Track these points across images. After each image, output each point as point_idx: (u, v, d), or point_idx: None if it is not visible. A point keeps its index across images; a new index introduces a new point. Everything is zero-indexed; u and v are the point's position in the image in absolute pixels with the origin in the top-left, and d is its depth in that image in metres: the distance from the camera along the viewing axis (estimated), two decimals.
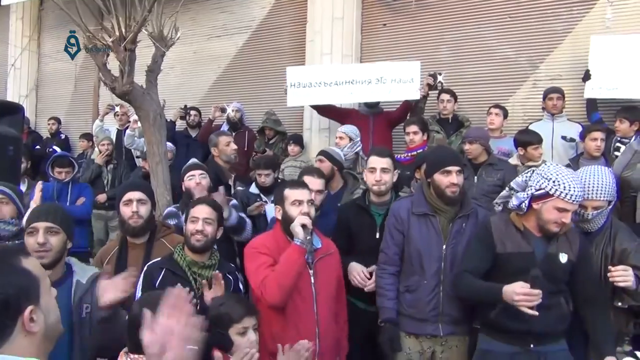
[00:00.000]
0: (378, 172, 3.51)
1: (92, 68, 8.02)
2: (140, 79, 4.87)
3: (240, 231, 4.02)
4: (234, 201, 4.08)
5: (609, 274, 2.82)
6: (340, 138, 5.19)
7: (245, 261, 3.04)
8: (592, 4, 5.74)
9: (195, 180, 4.06)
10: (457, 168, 3.14)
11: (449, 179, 3.12)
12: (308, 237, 2.91)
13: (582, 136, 5.02)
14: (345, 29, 6.77)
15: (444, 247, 3.15)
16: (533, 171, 2.98)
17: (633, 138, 4.72)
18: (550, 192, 2.76)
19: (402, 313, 3.24)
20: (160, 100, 5.04)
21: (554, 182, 2.77)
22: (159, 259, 3.08)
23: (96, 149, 7.31)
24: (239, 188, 4.90)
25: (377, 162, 3.55)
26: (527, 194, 2.86)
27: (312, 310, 2.99)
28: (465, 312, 3.13)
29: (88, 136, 8.18)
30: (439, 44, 6.52)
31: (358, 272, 3.39)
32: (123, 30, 4.42)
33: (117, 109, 7.50)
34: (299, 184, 3.20)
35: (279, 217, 3.09)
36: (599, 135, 4.83)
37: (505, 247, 2.90)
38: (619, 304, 2.92)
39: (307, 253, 2.98)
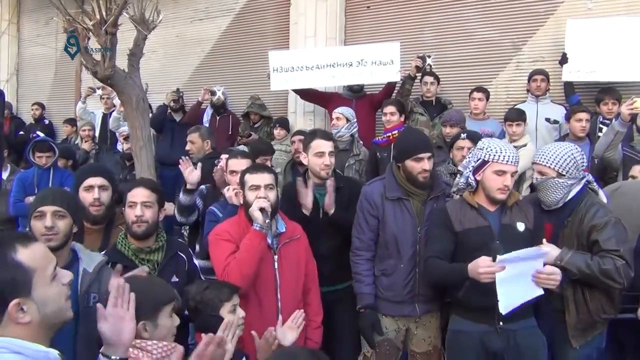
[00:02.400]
0: (327, 156, 3.47)
1: None
2: (122, 62, 4.83)
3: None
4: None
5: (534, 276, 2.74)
6: (337, 119, 5.19)
7: (209, 248, 3.01)
8: None
9: (221, 163, 4.04)
10: (428, 154, 3.17)
11: (421, 165, 3.15)
12: (267, 221, 2.87)
13: (568, 117, 5.09)
14: (329, 11, 6.75)
15: (419, 229, 3.19)
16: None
17: (614, 119, 4.79)
18: (486, 159, 2.90)
19: (379, 296, 3.28)
20: (142, 84, 5.02)
21: (486, 149, 2.92)
22: (102, 252, 2.93)
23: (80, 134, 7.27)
24: None
25: (325, 145, 3.49)
26: (470, 168, 2.98)
27: (275, 296, 2.95)
28: (438, 290, 3.19)
29: (72, 121, 8.12)
30: (422, 26, 6.52)
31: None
32: (104, 13, 4.38)
33: (99, 91, 7.40)
34: (258, 168, 3.14)
35: (242, 202, 3.07)
36: (584, 116, 4.90)
37: (463, 224, 2.96)
38: None
39: (272, 237, 2.97)
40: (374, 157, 5.14)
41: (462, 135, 4.01)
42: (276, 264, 2.99)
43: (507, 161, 2.86)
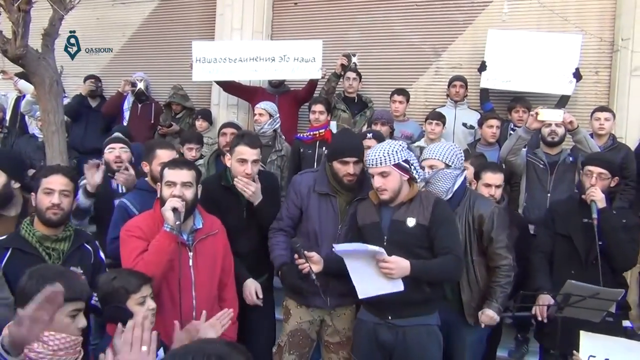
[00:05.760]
0: (249, 164, 3.33)
1: None
2: (36, 42, 4.62)
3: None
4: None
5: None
6: (260, 115, 5.14)
7: (120, 244, 2.91)
8: None
9: (115, 153, 4.01)
10: (354, 159, 3.20)
11: (346, 168, 3.20)
12: (178, 222, 2.77)
13: (480, 123, 5.34)
14: (257, 5, 6.72)
15: (340, 227, 3.26)
16: None
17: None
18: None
19: (294, 284, 3.34)
20: (57, 66, 4.81)
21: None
22: (3, 237, 2.80)
23: None
24: None
25: (249, 153, 3.34)
26: None
27: (190, 294, 2.90)
28: (352, 286, 3.19)
29: None
30: (348, 26, 6.62)
31: (251, 292, 3.35)
32: None
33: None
34: (178, 163, 3.00)
35: (159, 196, 2.99)
36: (495, 122, 5.17)
37: (363, 220, 3.12)
38: None
39: (188, 234, 2.93)
40: (297, 153, 5.17)
41: (369, 135, 4.05)
42: (191, 260, 2.94)
43: (369, 165, 3.01)
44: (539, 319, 3.36)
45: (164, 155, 3.50)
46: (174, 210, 2.78)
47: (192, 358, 1.18)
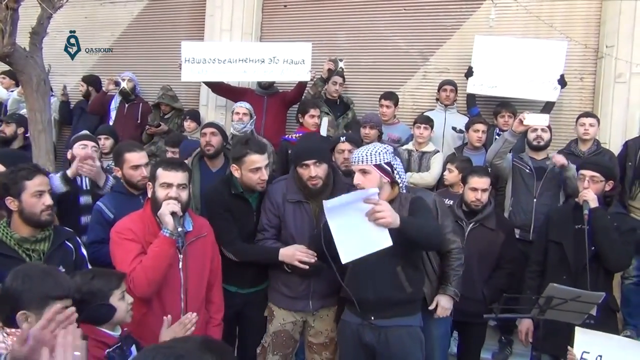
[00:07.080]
0: (263, 170, 3.34)
1: None
2: (24, 41, 4.60)
3: None
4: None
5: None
6: (244, 114, 5.18)
7: (111, 247, 2.87)
8: (479, 4, 6.09)
9: (88, 150, 3.99)
10: (312, 161, 3.20)
11: (307, 172, 3.20)
12: (180, 229, 2.73)
13: (467, 127, 5.38)
14: (246, 7, 6.74)
15: (316, 231, 3.24)
16: None
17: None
18: None
19: (275, 289, 3.40)
20: (45, 65, 4.79)
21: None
22: None
23: None
24: None
25: (261, 160, 3.33)
26: None
27: (179, 297, 2.86)
28: (333, 288, 3.26)
29: None
30: (337, 30, 6.64)
31: (295, 254, 3.19)
32: None
33: None
34: (173, 165, 2.93)
35: (149, 196, 2.94)
36: (481, 127, 5.22)
37: None
38: None
39: (177, 237, 2.85)
40: (284, 155, 5.19)
41: (342, 139, 4.03)
42: (181, 263, 2.88)
43: (352, 162, 3.08)
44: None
45: (133, 158, 3.46)
46: (173, 214, 2.73)
47: (152, 358, 1.16)
